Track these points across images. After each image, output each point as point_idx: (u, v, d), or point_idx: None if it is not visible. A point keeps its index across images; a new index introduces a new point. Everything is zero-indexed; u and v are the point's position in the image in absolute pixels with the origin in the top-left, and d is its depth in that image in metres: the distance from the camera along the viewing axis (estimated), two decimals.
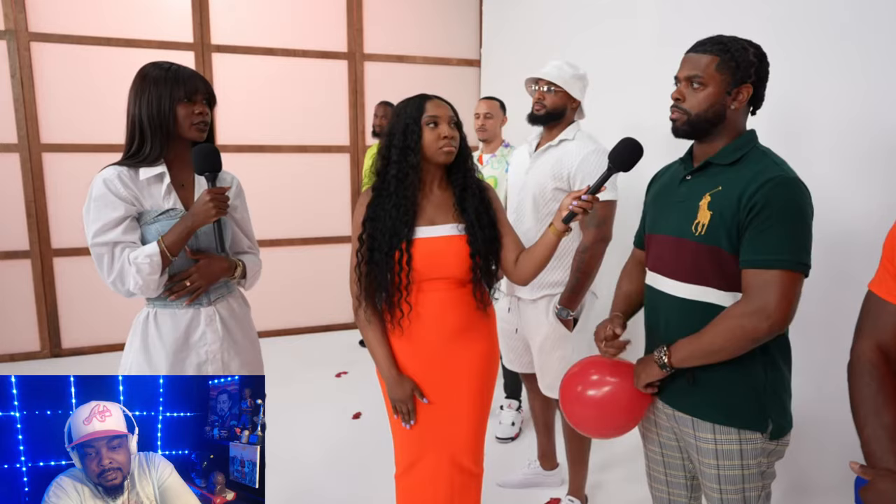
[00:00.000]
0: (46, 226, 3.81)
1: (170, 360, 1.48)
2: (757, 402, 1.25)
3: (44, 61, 3.70)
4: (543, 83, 1.96)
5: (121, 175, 1.41)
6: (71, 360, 3.89)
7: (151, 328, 1.49)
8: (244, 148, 4.19)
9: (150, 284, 1.41)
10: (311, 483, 2.45)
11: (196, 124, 1.46)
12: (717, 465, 1.28)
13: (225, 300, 1.59)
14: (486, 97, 3.04)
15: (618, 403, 1.39)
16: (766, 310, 1.15)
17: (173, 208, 1.47)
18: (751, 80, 1.24)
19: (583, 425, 1.47)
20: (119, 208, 1.40)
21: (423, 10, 4.55)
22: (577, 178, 1.90)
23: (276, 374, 3.55)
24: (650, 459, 1.49)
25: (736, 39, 1.25)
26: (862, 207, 1.77)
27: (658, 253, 1.36)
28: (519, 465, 2.49)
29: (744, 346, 1.19)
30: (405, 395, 1.55)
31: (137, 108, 1.43)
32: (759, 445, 1.26)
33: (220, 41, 4.06)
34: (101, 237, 1.39)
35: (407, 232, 1.50)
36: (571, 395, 1.45)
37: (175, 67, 1.46)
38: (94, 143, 3.81)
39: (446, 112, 1.52)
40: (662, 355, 1.28)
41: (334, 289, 4.51)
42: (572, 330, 1.99)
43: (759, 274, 1.16)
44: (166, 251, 1.39)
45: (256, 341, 1.71)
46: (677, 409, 1.34)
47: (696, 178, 1.30)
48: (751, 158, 1.24)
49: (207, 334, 1.52)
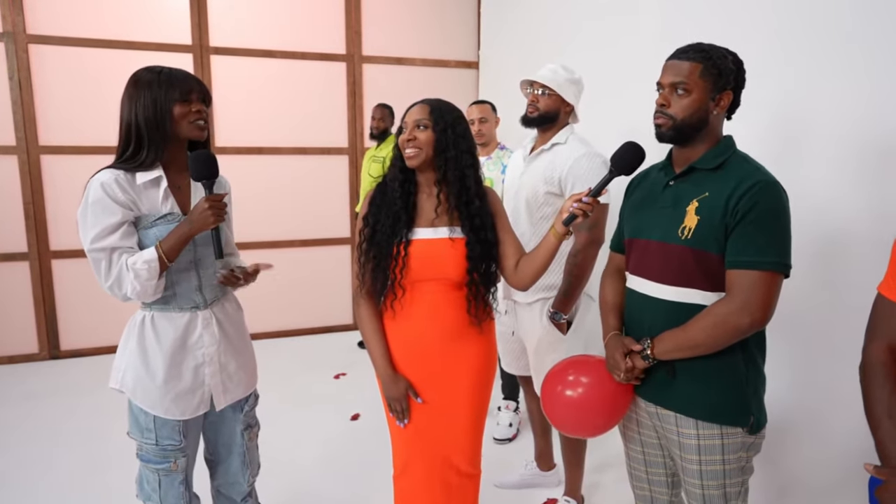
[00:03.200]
0: (45, 228, 3.82)
1: (167, 363, 1.47)
2: (739, 398, 1.29)
3: (42, 63, 3.71)
4: (538, 86, 1.97)
5: (118, 179, 1.40)
6: (69, 362, 3.90)
7: (149, 331, 1.48)
8: (243, 150, 4.20)
9: (148, 290, 1.40)
10: (309, 484, 2.46)
11: (194, 122, 1.45)
12: (700, 461, 1.31)
13: (220, 303, 1.59)
14: (477, 101, 3.06)
15: (598, 401, 1.42)
16: (749, 307, 1.20)
17: (171, 212, 1.46)
18: (730, 86, 1.29)
19: (564, 425, 1.49)
20: (117, 213, 1.38)
21: (422, 13, 4.56)
22: (567, 182, 1.91)
23: (275, 376, 3.59)
24: (632, 459, 1.52)
25: (715, 47, 1.29)
26: (861, 209, 1.77)
27: (642, 257, 1.38)
28: (516, 465, 2.50)
29: (726, 341, 1.24)
30: (399, 393, 1.56)
31: (133, 112, 1.42)
32: (740, 440, 1.30)
33: (219, 43, 4.07)
34: (98, 242, 1.38)
35: (405, 232, 1.52)
36: (551, 396, 1.47)
37: (168, 70, 1.45)
38: (93, 145, 3.81)
39: (412, 117, 1.51)
40: (646, 347, 1.32)
41: (333, 290, 4.52)
42: (566, 333, 2.00)
43: (744, 274, 1.21)
44: (164, 257, 1.39)
45: (250, 343, 1.72)
46: (660, 406, 1.36)
47: (680, 183, 1.34)
48: (733, 163, 1.28)
49: (205, 337, 1.52)
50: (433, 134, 1.49)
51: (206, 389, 1.54)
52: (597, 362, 1.46)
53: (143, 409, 1.48)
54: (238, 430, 1.64)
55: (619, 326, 1.47)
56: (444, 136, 1.50)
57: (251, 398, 1.69)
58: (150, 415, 1.48)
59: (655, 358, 1.32)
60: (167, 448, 1.50)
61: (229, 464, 1.67)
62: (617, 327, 1.47)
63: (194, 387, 1.51)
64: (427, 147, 1.50)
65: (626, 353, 1.36)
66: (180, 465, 1.52)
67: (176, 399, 1.48)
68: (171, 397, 1.48)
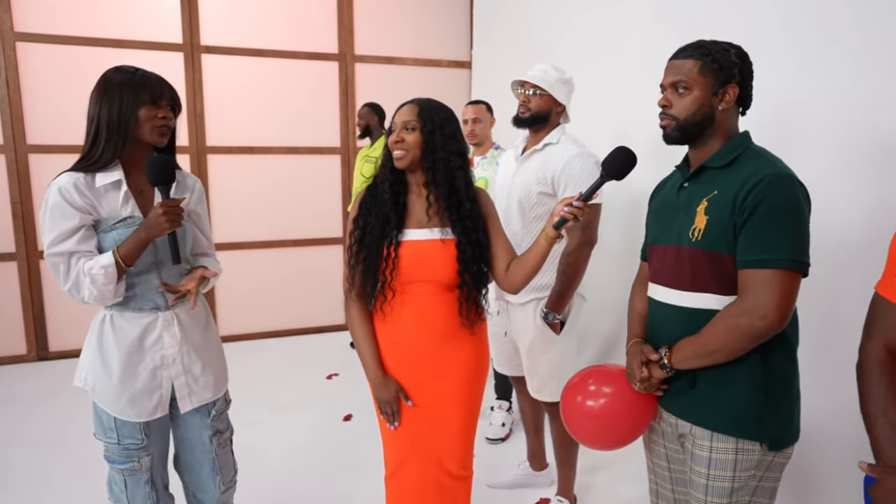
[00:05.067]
0: (33, 227, 3.78)
1: (123, 363, 1.46)
2: (756, 409, 1.20)
3: (30, 61, 3.67)
4: (529, 86, 1.97)
5: (76, 183, 1.38)
6: (58, 363, 3.86)
7: (108, 331, 1.47)
8: (234, 149, 4.17)
9: (106, 294, 1.39)
10: (301, 485, 2.44)
11: (158, 127, 1.43)
12: (708, 475, 1.24)
13: (185, 304, 1.56)
14: (473, 101, 3.06)
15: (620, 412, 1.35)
16: (761, 308, 1.13)
17: (131, 216, 1.44)
18: (735, 80, 1.23)
19: (585, 437, 1.42)
20: (74, 218, 1.38)
21: (414, 12, 4.55)
22: (560, 182, 1.91)
23: (267, 376, 3.57)
24: (656, 475, 1.42)
25: (716, 42, 1.25)
26: (859, 209, 1.78)
27: (659, 263, 1.33)
28: (509, 466, 2.50)
29: (741, 345, 1.16)
30: (390, 396, 1.55)
31: (98, 109, 1.40)
32: (756, 457, 1.21)
33: (210, 42, 4.04)
34: (56, 247, 1.38)
35: (395, 234, 1.51)
36: (571, 407, 1.41)
37: (141, 72, 1.44)
38: (81, 144, 3.76)
39: (400, 118, 1.51)
40: (663, 356, 1.26)
41: (325, 291, 4.50)
42: (559, 333, 2.00)
43: (755, 273, 1.14)
44: (121, 262, 1.38)
45: (218, 343, 1.68)
46: (679, 417, 1.30)
47: (692, 184, 1.29)
48: (744, 159, 1.22)
49: (165, 338, 1.50)
50: (421, 136, 1.48)
51: (165, 392, 1.52)
52: (619, 372, 1.40)
53: (103, 408, 1.48)
54: (205, 436, 1.61)
55: (643, 334, 1.41)
56: (433, 138, 1.48)
57: (219, 402, 1.65)
58: (111, 414, 1.48)
59: (673, 367, 1.25)
60: (129, 448, 1.49)
61: (200, 470, 1.64)
62: (640, 335, 1.41)
63: (151, 388, 1.49)
64: (415, 149, 1.49)
65: (644, 362, 1.30)
66: (144, 464, 1.51)
67: (132, 400, 1.47)
68: (127, 398, 1.47)
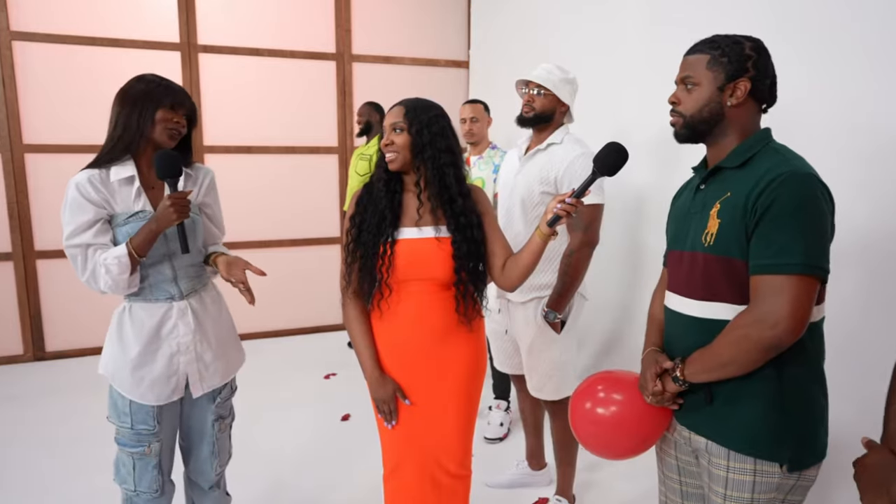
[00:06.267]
0: (29, 227, 3.76)
1: (142, 351, 1.55)
2: (770, 426, 1.12)
3: (26, 61, 3.65)
4: (533, 86, 1.98)
5: (91, 179, 1.48)
6: (55, 364, 3.84)
7: (126, 320, 1.56)
8: (232, 149, 4.17)
9: (121, 283, 1.48)
10: (299, 484, 2.44)
11: (169, 129, 1.51)
12: (724, 495, 1.17)
13: (198, 294, 1.64)
14: (470, 101, 3.06)
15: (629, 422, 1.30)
16: (772, 317, 1.04)
17: (143, 210, 1.53)
18: (748, 74, 1.15)
19: (592, 445, 1.37)
20: (90, 212, 1.47)
21: (412, 12, 4.55)
22: (564, 182, 1.91)
23: (265, 376, 3.57)
24: (667, 487, 1.36)
25: (728, 36, 1.19)
26: (860, 210, 1.78)
27: (675, 270, 1.27)
28: (507, 465, 2.50)
29: (753, 357, 1.08)
30: (387, 395, 1.56)
31: (120, 106, 1.50)
32: (777, 480, 1.13)
33: (207, 41, 4.03)
34: (74, 239, 1.47)
35: (391, 232, 1.52)
36: (579, 414, 1.37)
37: (167, 81, 1.54)
38: (78, 143, 3.76)
39: (389, 120, 1.53)
40: (677, 367, 1.20)
41: (323, 290, 4.50)
42: (560, 332, 2.00)
43: (766, 280, 1.06)
44: (134, 252, 1.46)
45: (233, 332, 1.76)
46: (693, 432, 1.23)
47: (708, 186, 1.22)
48: (760, 158, 1.14)
49: (179, 327, 1.59)
50: (409, 136, 1.50)
51: (181, 377, 1.60)
52: (632, 379, 1.34)
53: (121, 393, 1.55)
54: (209, 420, 1.70)
55: (659, 343, 1.34)
56: (420, 138, 1.50)
57: (225, 389, 1.73)
58: (127, 399, 1.55)
59: (686, 380, 1.18)
60: (141, 433, 1.57)
61: (199, 451, 1.73)
62: (656, 343, 1.34)
63: (168, 374, 1.58)
64: (404, 150, 1.51)
65: (659, 372, 1.24)
66: (154, 449, 1.59)
67: (151, 385, 1.55)
68: (147, 384, 1.55)
